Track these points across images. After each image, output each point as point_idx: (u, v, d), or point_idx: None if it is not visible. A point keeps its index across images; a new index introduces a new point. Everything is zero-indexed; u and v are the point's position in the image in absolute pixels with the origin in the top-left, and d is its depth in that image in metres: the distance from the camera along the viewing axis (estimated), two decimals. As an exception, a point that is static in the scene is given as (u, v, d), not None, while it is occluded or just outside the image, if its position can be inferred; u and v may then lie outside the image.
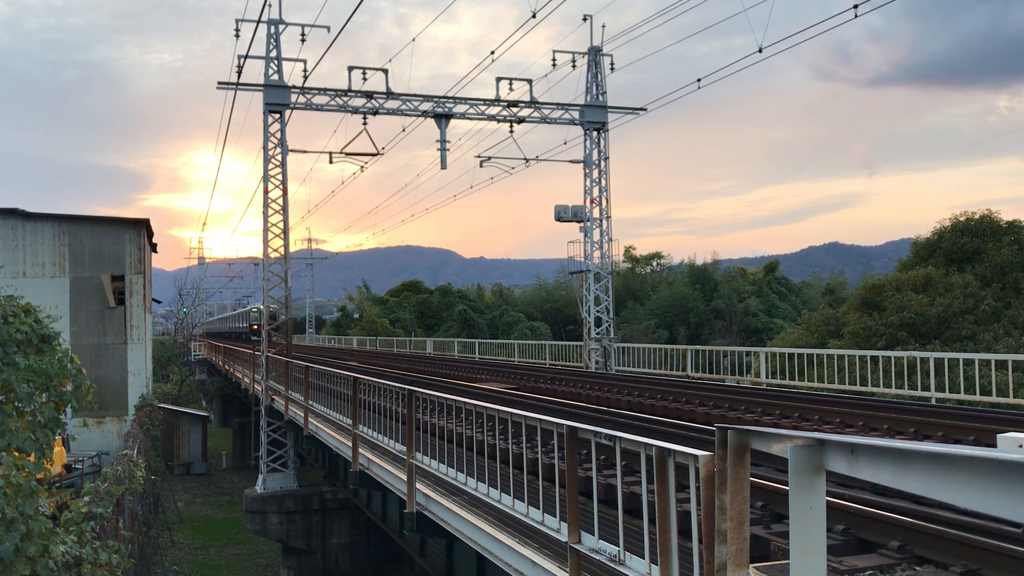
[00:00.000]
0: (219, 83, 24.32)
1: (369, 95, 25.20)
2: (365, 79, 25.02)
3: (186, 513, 33.48)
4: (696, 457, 4.03)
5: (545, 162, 28.35)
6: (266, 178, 24.74)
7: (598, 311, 27.89)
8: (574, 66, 27.11)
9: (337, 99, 25.05)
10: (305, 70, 24.65)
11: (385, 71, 25.24)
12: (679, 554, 4.39)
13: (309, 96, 24.84)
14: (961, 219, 33.68)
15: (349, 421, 12.75)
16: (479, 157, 28.12)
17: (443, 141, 25.84)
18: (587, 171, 27.70)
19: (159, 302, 63.66)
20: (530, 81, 26.57)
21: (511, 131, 26.88)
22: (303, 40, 24.02)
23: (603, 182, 27.56)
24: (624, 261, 77.05)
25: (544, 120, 26.94)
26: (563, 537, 5.61)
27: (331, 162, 26.79)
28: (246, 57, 23.89)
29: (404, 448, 9.49)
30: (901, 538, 5.99)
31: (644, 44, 28.11)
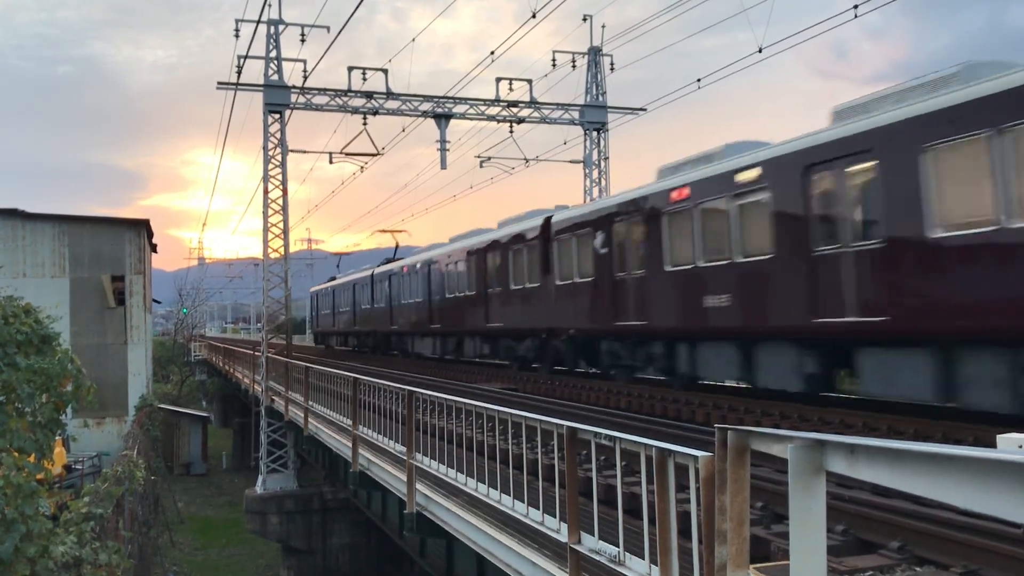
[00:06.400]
0: (219, 83, 24.36)
1: (369, 95, 25.21)
2: (365, 79, 25.05)
3: (186, 513, 33.48)
4: (696, 457, 4.03)
5: (545, 162, 28.38)
6: (266, 178, 24.75)
7: (598, 311, 27.79)
8: (574, 66, 27.12)
9: (337, 99, 25.07)
10: (305, 70, 24.68)
11: (385, 71, 25.27)
12: (679, 554, 4.39)
13: (309, 96, 24.85)
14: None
15: (349, 422, 12.75)
16: (479, 157, 28.15)
17: (443, 141, 25.86)
18: (587, 171, 27.71)
19: (159, 302, 63.58)
20: (530, 81, 26.60)
21: (511, 131, 26.90)
22: (303, 40, 24.06)
23: (603, 182, 27.56)
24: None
25: (544, 120, 26.95)
26: (563, 538, 5.61)
27: (331, 162, 26.83)
28: (246, 57, 23.93)
29: (404, 448, 9.49)
30: (901, 538, 6.00)
31: (646, 41, 28.14)
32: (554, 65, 26.57)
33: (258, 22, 23.27)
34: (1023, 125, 9.25)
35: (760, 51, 18.02)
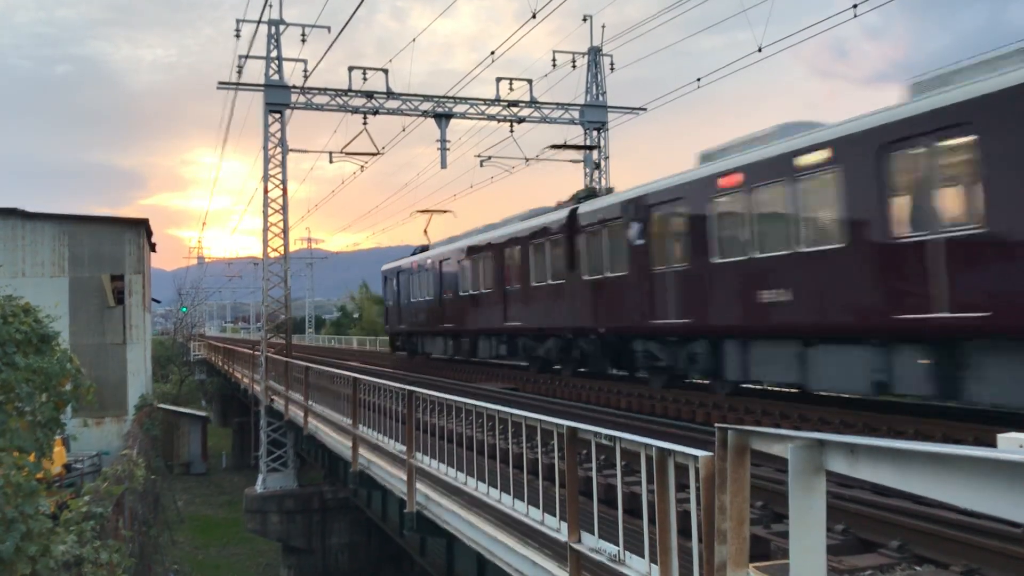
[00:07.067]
0: (220, 83, 24.36)
1: (369, 95, 25.21)
2: (365, 79, 25.05)
3: (186, 513, 33.49)
4: (696, 457, 4.03)
5: (545, 161, 28.37)
6: (266, 178, 24.75)
7: (598, 311, 27.64)
8: (574, 66, 27.13)
9: (337, 99, 25.07)
10: (305, 70, 24.68)
11: (385, 71, 25.28)
12: (679, 554, 4.39)
13: (309, 96, 24.85)
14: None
15: (349, 421, 12.76)
16: (479, 156, 28.14)
17: (443, 141, 25.85)
18: (587, 171, 27.72)
19: (158, 302, 63.59)
20: (530, 81, 26.60)
21: (511, 131, 26.89)
22: (303, 40, 24.07)
23: (603, 182, 27.56)
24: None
25: (544, 120, 26.95)
26: (563, 537, 5.62)
27: (331, 162, 26.82)
28: (246, 57, 23.94)
29: (404, 448, 9.49)
30: (901, 538, 6.00)
31: (646, 41, 28.09)
32: (554, 65, 26.58)
33: (259, 22, 23.31)
34: None
35: (760, 50, 18.02)
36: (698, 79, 20.77)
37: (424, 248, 33.02)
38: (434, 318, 29.69)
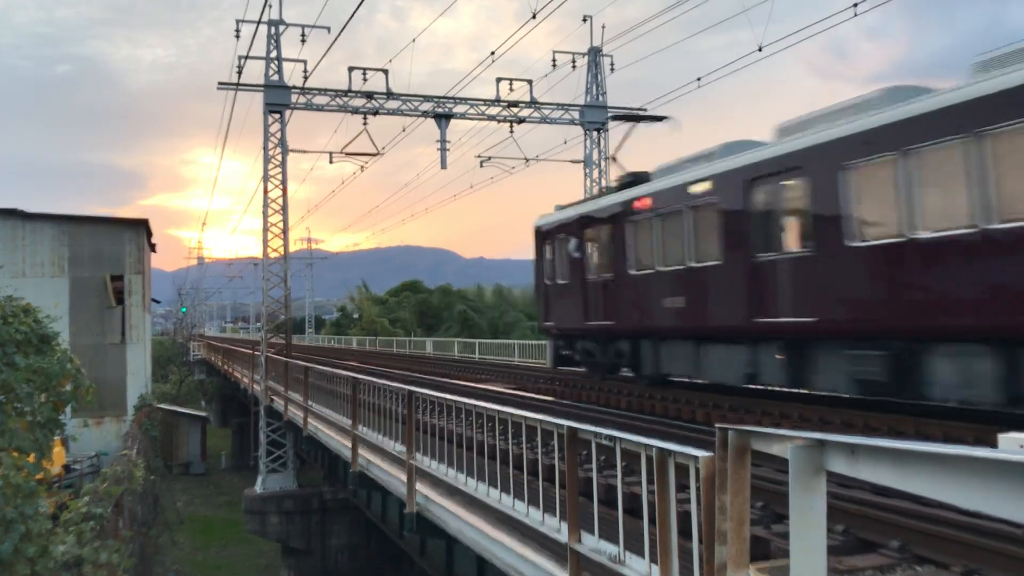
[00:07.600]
0: (219, 83, 24.38)
1: (369, 95, 25.21)
2: (365, 79, 25.06)
3: (186, 513, 33.48)
4: (696, 457, 4.03)
5: (545, 162, 28.37)
6: (266, 178, 24.76)
7: (598, 311, 27.55)
8: (574, 66, 27.15)
9: (337, 99, 25.08)
10: (305, 70, 24.70)
11: (385, 71, 25.30)
12: (679, 554, 4.39)
13: (309, 96, 24.86)
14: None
15: (349, 422, 12.75)
16: (479, 157, 28.16)
17: (443, 141, 25.86)
18: (587, 171, 27.72)
19: (158, 302, 63.55)
20: (530, 81, 26.62)
21: (511, 131, 26.91)
22: (303, 40, 24.09)
23: (603, 182, 27.57)
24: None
25: (544, 120, 26.96)
26: (563, 538, 5.61)
27: (331, 162, 26.84)
28: (246, 57, 23.95)
29: (404, 449, 9.49)
30: (901, 538, 6.00)
31: (646, 41, 28.05)
32: (554, 65, 26.60)
33: (258, 22, 23.33)
34: None
35: (760, 49, 18.03)
36: (698, 79, 20.78)
37: (638, 178, 17.96)
38: (714, 306, 14.80)
